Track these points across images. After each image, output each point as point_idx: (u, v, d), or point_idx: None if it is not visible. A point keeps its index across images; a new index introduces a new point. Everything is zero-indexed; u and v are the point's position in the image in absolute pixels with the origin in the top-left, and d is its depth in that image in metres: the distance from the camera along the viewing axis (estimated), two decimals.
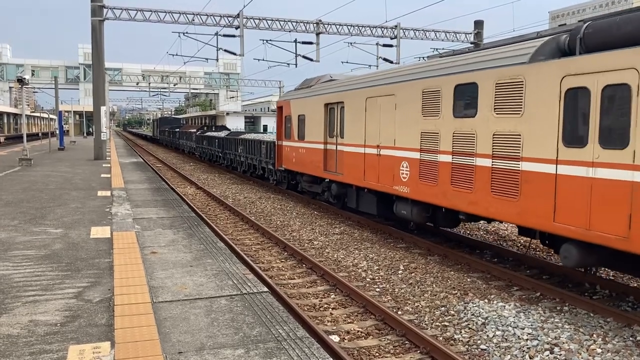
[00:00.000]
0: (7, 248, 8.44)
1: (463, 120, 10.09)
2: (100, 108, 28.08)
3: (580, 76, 7.74)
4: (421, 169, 11.35)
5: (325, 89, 16.48)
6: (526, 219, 8.68)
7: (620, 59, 7.15)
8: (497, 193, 9.24)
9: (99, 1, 26.99)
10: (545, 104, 8.32)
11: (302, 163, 18.02)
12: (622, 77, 7.13)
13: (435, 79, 10.91)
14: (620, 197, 7.13)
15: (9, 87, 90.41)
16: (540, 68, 8.43)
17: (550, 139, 8.22)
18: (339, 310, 8.33)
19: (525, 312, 7.97)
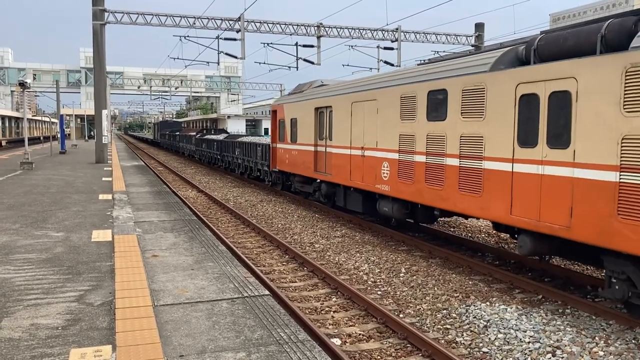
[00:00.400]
0: (8, 251, 8.45)
1: (435, 123, 10.96)
2: (101, 111, 28.12)
3: (532, 84, 8.61)
4: (400, 169, 12.23)
5: (315, 94, 17.34)
6: (488, 213, 9.54)
7: (563, 69, 8.04)
8: (464, 190, 10.09)
9: (101, 5, 27.05)
10: (503, 109, 9.17)
11: (295, 164, 18.84)
12: (565, 85, 8.02)
13: (412, 85, 11.79)
14: (563, 191, 8.00)
15: (11, 90, 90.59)
16: (499, 76, 9.31)
17: (507, 140, 9.08)
18: (340, 314, 8.32)
19: (527, 314, 7.96)
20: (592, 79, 7.57)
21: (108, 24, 27.41)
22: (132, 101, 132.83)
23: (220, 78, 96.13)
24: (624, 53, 7.12)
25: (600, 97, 7.45)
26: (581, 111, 7.74)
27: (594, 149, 7.54)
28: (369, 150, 13.62)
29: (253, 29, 29.34)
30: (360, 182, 14.02)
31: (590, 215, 7.55)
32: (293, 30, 30.05)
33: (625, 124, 7.05)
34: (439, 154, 10.82)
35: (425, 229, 14.01)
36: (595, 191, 7.50)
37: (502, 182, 9.16)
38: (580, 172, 7.72)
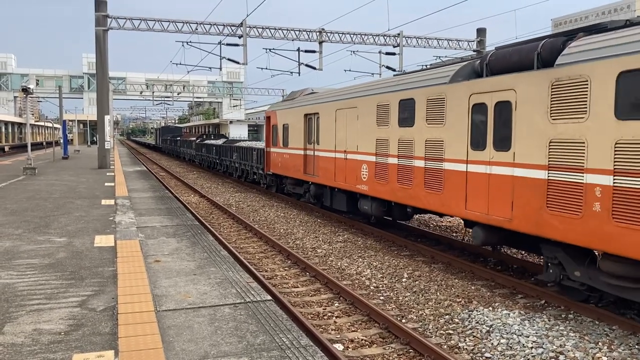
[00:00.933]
0: (11, 257, 8.46)
1: (405, 129, 12.18)
2: (104, 117, 28.20)
3: (481, 94, 9.77)
4: (376, 170, 13.42)
5: (305, 102, 18.57)
6: (448, 208, 10.72)
7: (505, 81, 9.21)
8: (429, 188, 11.31)
9: (103, 11, 27.17)
10: (459, 116, 10.34)
11: (287, 167, 20.07)
12: (506, 96, 9.17)
13: (386, 94, 12.99)
14: (506, 188, 9.15)
15: (14, 96, 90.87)
16: (456, 87, 10.49)
17: (463, 144, 10.25)
18: (342, 319, 8.31)
19: (530, 320, 7.94)
20: (527, 91, 8.73)
21: (111, 30, 27.52)
22: (134, 106, 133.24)
23: (222, 83, 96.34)
24: (551, 69, 8.31)
25: (533, 107, 8.63)
26: (519, 119, 8.91)
27: (528, 151, 8.71)
28: (350, 153, 14.84)
29: (255, 34, 29.43)
30: (344, 183, 15.22)
31: (527, 208, 8.69)
32: (295, 35, 30.13)
33: (551, 130, 8.27)
34: (408, 156, 12.05)
35: (430, 234, 14.04)
36: (529, 187, 8.65)
37: (458, 181, 10.37)
38: (519, 171, 8.89)
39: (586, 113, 7.68)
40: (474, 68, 10.57)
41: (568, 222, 7.92)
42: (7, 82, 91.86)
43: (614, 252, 7.28)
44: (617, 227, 7.16)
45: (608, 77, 7.35)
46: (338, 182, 15.55)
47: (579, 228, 7.74)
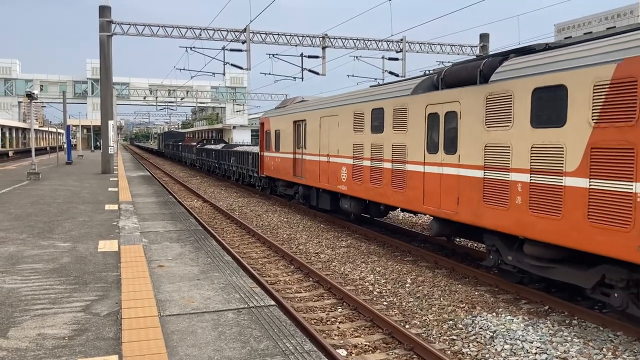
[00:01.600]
0: (15, 262, 8.49)
1: (376, 135, 13.59)
2: (107, 122, 28.28)
3: (435, 105, 11.25)
4: (354, 172, 14.85)
5: (294, 109, 20.02)
6: (410, 204, 12.20)
7: (452, 94, 10.66)
8: (394, 187, 12.77)
9: (107, 17, 27.30)
10: (418, 124, 11.80)
11: (278, 170, 21.55)
12: (454, 107, 10.65)
13: (361, 104, 14.39)
14: (453, 186, 10.57)
15: (18, 101, 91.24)
16: (416, 99, 11.95)
17: (420, 148, 11.73)
18: (346, 324, 8.30)
19: (533, 325, 7.92)
20: (468, 103, 10.16)
21: (114, 36, 27.64)
22: (138, 112, 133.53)
23: (225, 89, 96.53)
24: (486, 85, 9.70)
25: (473, 117, 10.02)
26: (463, 127, 10.32)
27: (469, 154, 10.13)
28: (332, 157, 16.32)
29: (259, 40, 29.51)
30: (327, 184, 16.68)
31: (468, 202, 10.11)
32: (298, 41, 30.20)
33: (486, 136, 9.70)
34: (379, 159, 13.52)
35: (434, 240, 14.02)
36: (470, 185, 10.07)
37: (417, 180, 11.85)
38: (463, 171, 10.33)
39: (511, 122, 9.13)
40: (432, 82, 11.91)
41: (499, 213, 9.35)
42: (12, 88, 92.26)
43: (532, 237, 8.68)
44: (532, 217, 8.62)
45: (525, 92, 8.80)
46: (322, 184, 17.05)
47: (507, 218, 9.17)
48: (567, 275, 8.48)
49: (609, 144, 7.41)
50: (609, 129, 7.41)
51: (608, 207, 7.39)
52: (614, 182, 7.32)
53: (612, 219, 7.32)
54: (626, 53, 7.23)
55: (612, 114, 7.37)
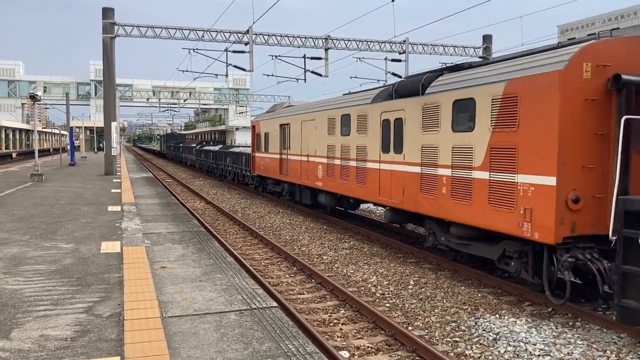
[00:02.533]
0: (18, 263, 8.50)
1: (345, 137, 15.60)
2: (110, 124, 28.34)
3: (387, 112, 13.20)
4: (328, 170, 16.84)
5: (281, 114, 22.02)
6: (369, 196, 14.17)
7: (399, 104, 12.71)
8: (358, 182, 14.74)
9: (111, 18, 27.36)
10: (375, 128, 13.76)
11: (268, 169, 23.42)
12: (400, 114, 12.60)
13: (334, 110, 16.41)
14: (400, 180, 12.55)
15: (22, 103, 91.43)
16: (374, 106, 13.92)
17: (377, 149, 13.70)
18: (348, 326, 8.29)
19: (537, 327, 7.89)
20: (410, 111, 12.18)
21: (118, 37, 27.69)
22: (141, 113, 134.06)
23: (228, 90, 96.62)
24: (423, 96, 11.77)
25: (413, 123, 12.04)
26: (407, 131, 12.31)
27: (411, 153, 12.14)
28: (311, 156, 18.24)
29: (261, 41, 29.53)
30: (307, 181, 18.57)
31: (411, 193, 12.09)
32: (301, 42, 30.22)
33: (422, 138, 11.69)
34: (346, 158, 15.48)
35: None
36: (412, 179, 12.08)
37: (374, 176, 13.82)
38: (407, 167, 12.31)
39: (439, 127, 11.15)
40: (389, 92, 13.70)
41: (431, 201, 11.32)
42: (15, 89, 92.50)
43: (454, 220, 10.57)
44: (453, 203, 10.53)
45: (448, 103, 10.80)
46: (303, 181, 18.97)
47: (437, 205, 11.12)
48: (481, 250, 10.36)
49: (501, 145, 9.34)
50: (501, 133, 9.32)
51: (501, 194, 9.30)
52: (504, 174, 9.24)
53: (503, 203, 9.22)
54: (512, 75, 9.19)
55: (503, 121, 9.28)
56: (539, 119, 8.55)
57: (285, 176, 20.99)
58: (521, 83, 8.90)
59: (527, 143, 8.76)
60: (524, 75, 8.91)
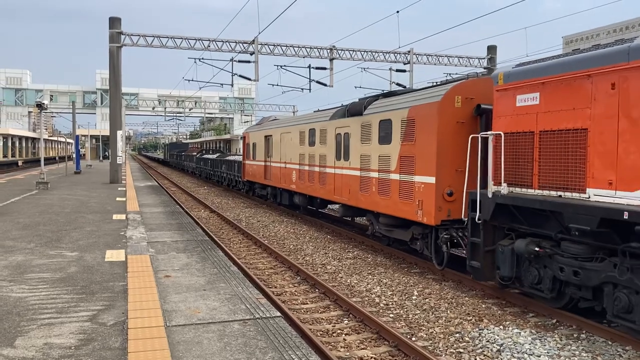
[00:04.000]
0: (23, 271, 8.53)
1: (311, 147, 18.53)
2: (116, 132, 28.47)
3: (340, 128, 16.23)
4: (299, 174, 19.80)
5: (266, 126, 25.28)
6: (327, 195, 17.14)
7: (347, 121, 15.67)
8: (320, 184, 17.69)
9: (117, 28, 27.57)
10: (332, 140, 16.79)
11: (255, 175, 26.57)
12: (347, 130, 15.62)
13: (304, 125, 19.51)
14: (347, 182, 15.48)
15: (28, 111, 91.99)
16: (331, 123, 16.93)
17: (333, 157, 16.65)
18: (352, 336, 8.27)
19: (541, 339, 7.86)
20: (354, 127, 15.13)
21: (124, 46, 27.88)
22: (146, 122, 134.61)
23: (234, 99, 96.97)
24: (362, 116, 14.70)
25: (356, 136, 14.98)
26: (352, 143, 15.23)
27: (354, 160, 15.06)
28: (288, 163, 21.17)
29: (267, 51, 29.68)
30: (285, 184, 21.57)
31: (354, 192, 15.00)
32: (306, 52, 30.35)
33: (361, 149, 14.63)
34: (312, 164, 18.48)
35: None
36: (354, 180, 15.00)
37: (331, 179, 16.79)
38: (352, 172, 15.23)
39: (371, 140, 14.07)
40: (343, 111, 16.41)
41: (366, 197, 14.26)
42: (22, 98, 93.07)
43: (381, 212, 13.51)
44: (380, 198, 13.50)
45: (376, 122, 13.81)
46: (282, 184, 21.94)
47: (370, 200, 14.03)
48: (399, 234, 13.21)
49: (406, 154, 12.42)
50: (406, 145, 12.42)
51: (406, 190, 12.34)
52: (407, 176, 12.32)
53: (407, 197, 12.26)
54: (412, 103, 12.31)
55: (407, 137, 12.39)
56: (426, 136, 11.60)
57: (268, 181, 24.01)
58: (417, 110, 11.99)
59: (420, 153, 11.83)
60: (418, 104, 11.97)
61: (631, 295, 7.23)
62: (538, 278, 8.91)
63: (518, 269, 9.31)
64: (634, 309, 7.14)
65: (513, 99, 9.40)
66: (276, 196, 23.65)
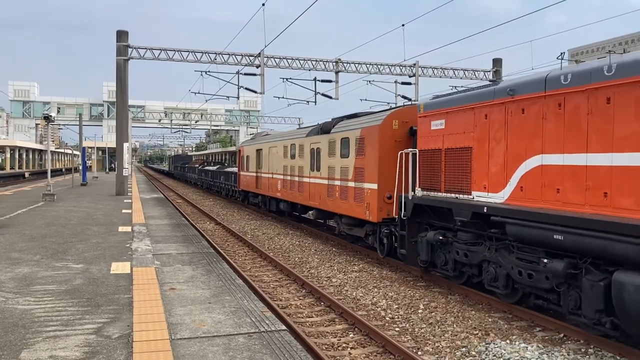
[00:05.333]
0: (29, 283, 8.55)
1: (293, 160, 21.34)
2: (122, 144, 28.60)
3: (313, 143, 18.90)
4: (283, 184, 22.47)
5: (257, 141, 28.45)
6: (304, 201, 19.82)
7: (319, 138, 18.31)
8: (299, 192, 20.32)
9: (125, 41, 27.79)
10: (307, 154, 19.50)
11: (248, 185, 29.36)
12: (319, 145, 18.33)
13: (287, 140, 22.43)
14: (319, 189, 18.14)
15: (36, 124, 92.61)
16: (307, 139, 19.69)
17: (308, 168, 19.33)
18: (357, 350, 8.22)
19: (548, 353, 7.79)
20: (324, 143, 17.82)
21: (131, 59, 28.09)
22: (152, 134, 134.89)
23: (239, 112, 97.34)
24: (329, 134, 17.48)
25: (325, 151, 17.68)
26: (322, 156, 17.93)
27: (324, 171, 17.71)
28: (274, 174, 23.87)
29: (273, 64, 29.83)
30: (272, 193, 24.33)
31: (323, 198, 17.77)
32: (312, 65, 30.49)
33: (328, 161, 17.30)
34: (293, 175, 21.19)
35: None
36: (324, 187, 17.67)
37: (307, 187, 19.47)
38: (321, 180, 17.94)
39: (335, 154, 16.83)
40: (318, 129, 19.09)
41: (332, 202, 17.00)
42: (30, 110, 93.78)
43: (343, 214, 16.34)
44: (341, 202, 16.27)
45: (339, 140, 16.55)
46: (270, 192, 24.70)
47: (334, 204, 16.83)
48: (357, 232, 15.83)
49: (359, 166, 15.11)
50: (359, 159, 15.11)
51: (359, 195, 14.96)
52: (360, 183, 14.98)
53: (359, 200, 14.92)
54: (364, 125, 15.04)
55: (359, 152, 15.09)
56: (371, 151, 14.36)
57: (259, 190, 26.80)
58: (366, 130, 14.73)
59: (367, 165, 14.59)
60: (367, 126, 14.74)
61: (497, 268, 10.01)
62: (445, 260, 11.55)
63: (433, 255, 11.86)
64: (499, 279, 9.96)
65: (429, 124, 12.15)
66: (265, 204, 26.31)
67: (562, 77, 8.56)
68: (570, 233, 7.96)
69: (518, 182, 9.43)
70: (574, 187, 8.25)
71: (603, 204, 7.76)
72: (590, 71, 8.07)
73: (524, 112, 9.38)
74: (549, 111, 8.82)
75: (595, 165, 7.91)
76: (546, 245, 8.59)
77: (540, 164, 8.97)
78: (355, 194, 15.08)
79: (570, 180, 8.34)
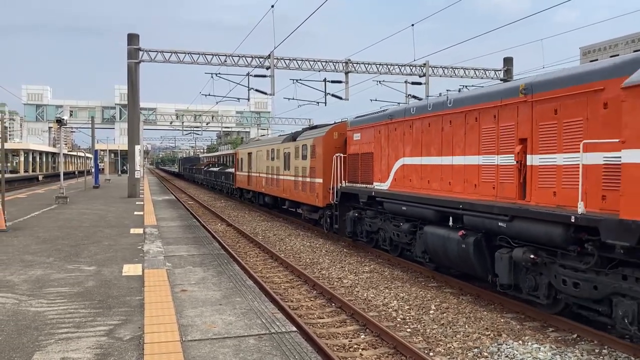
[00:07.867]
0: (42, 285, 8.61)
1: (272, 161, 26.26)
2: (134, 147, 28.78)
3: (285, 148, 24.16)
4: (267, 181, 27.48)
5: (250, 146, 33.75)
6: (280, 194, 24.88)
7: (289, 144, 23.70)
8: (277, 187, 25.18)
9: (136, 44, 27.96)
10: (281, 157, 24.77)
11: (242, 183, 34.47)
12: (289, 150, 23.60)
13: (269, 145, 27.46)
14: (289, 184, 23.35)
15: (49, 127, 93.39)
16: (282, 145, 24.74)
17: (282, 168, 24.54)
18: (369, 351, 8.19)
19: (561, 354, 7.71)
20: (293, 148, 22.85)
21: (142, 62, 28.25)
22: (164, 136, 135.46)
23: (250, 113, 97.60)
24: (296, 141, 22.50)
25: (294, 154, 22.61)
26: (291, 158, 22.92)
27: (296, 171, 22.22)
28: (260, 173, 28.96)
29: (282, 65, 29.88)
30: (259, 189, 29.47)
31: (292, 191, 22.75)
32: (321, 66, 30.49)
33: (297, 163, 22.18)
34: (273, 174, 26.08)
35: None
36: (292, 183, 22.75)
37: (281, 183, 24.37)
38: (291, 177, 22.94)
39: (299, 157, 21.56)
40: (291, 136, 23.75)
41: (297, 193, 21.75)
42: (43, 113, 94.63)
43: (303, 202, 21.35)
44: (302, 193, 21.07)
45: (304, 145, 21.08)
46: (258, 189, 29.70)
47: (298, 195, 21.73)
48: (314, 215, 20.37)
49: (312, 166, 19.74)
50: (312, 160, 19.82)
51: (311, 187, 19.59)
52: (312, 179, 19.73)
53: (312, 191, 19.71)
54: (315, 135, 19.81)
55: (312, 155, 19.77)
56: (319, 155, 19.20)
57: (250, 186, 31.95)
58: (316, 139, 19.52)
59: (317, 165, 19.38)
60: (317, 136, 19.51)
61: (386, 234, 14.85)
62: (361, 230, 16.38)
63: (355, 227, 16.62)
64: (386, 240, 14.97)
65: (352, 136, 17.31)
66: (256, 198, 31.53)
67: (412, 109, 13.63)
68: (409, 206, 12.95)
69: (393, 175, 14.50)
70: (417, 178, 13.25)
71: (426, 187, 12.78)
72: (426, 105, 12.99)
73: (396, 130, 14.33)
74: (406, 130, 13.80)
75: (424, 164, 12.98)
76: (401, 214, 13.61)
77: (403, 163, 14.02)
78: (310, 186, 20.12)
79: (414, 173, 13.38)
